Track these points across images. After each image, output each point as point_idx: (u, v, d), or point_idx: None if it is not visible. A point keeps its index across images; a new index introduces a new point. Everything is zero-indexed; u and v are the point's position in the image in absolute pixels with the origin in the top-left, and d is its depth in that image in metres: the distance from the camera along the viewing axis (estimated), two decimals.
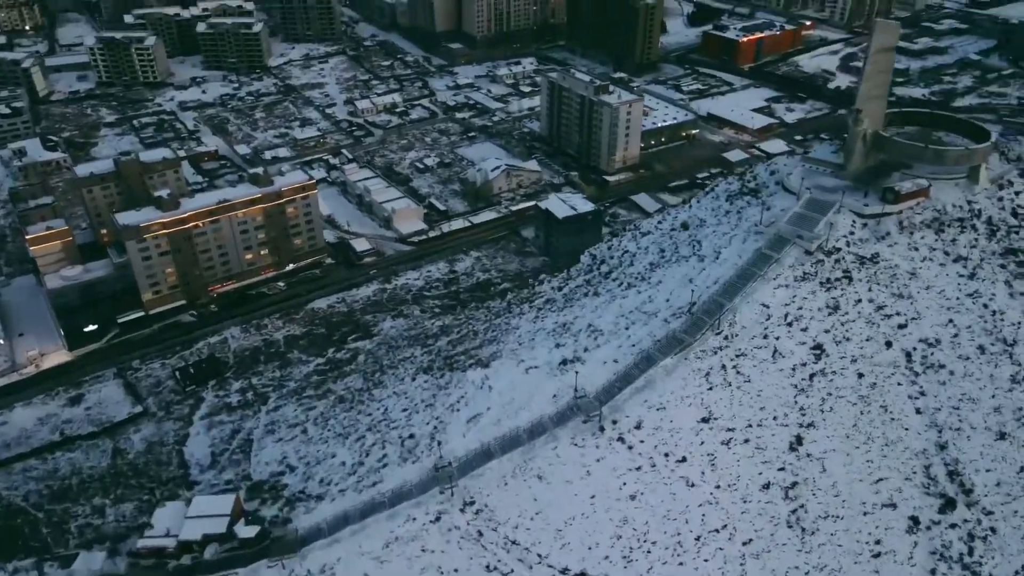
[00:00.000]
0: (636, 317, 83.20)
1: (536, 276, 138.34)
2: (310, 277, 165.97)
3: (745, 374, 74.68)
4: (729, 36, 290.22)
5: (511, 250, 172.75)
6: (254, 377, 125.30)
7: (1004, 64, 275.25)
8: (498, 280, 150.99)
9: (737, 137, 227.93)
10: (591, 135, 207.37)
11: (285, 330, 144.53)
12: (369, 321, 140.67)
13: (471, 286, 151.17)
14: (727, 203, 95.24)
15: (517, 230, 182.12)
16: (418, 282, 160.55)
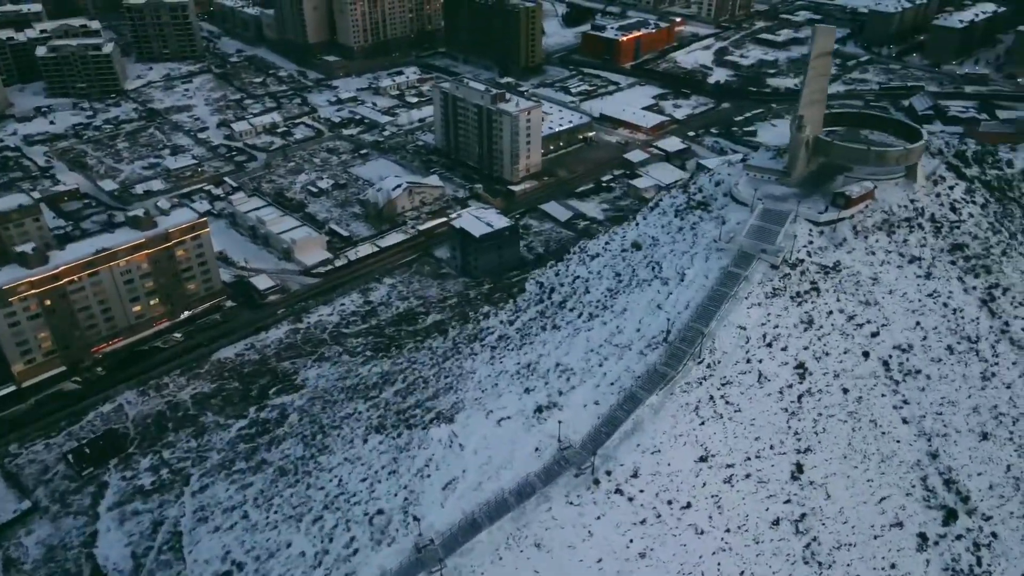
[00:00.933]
0: (608, 351, 78.10)
1: (466, 302, 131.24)
2: (210, 324, 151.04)
3: (734, 403, 71.19)
4: (608, 36, 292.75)
5: (427, 273, 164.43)
6: (165, 450, 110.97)
7: (860, 51, 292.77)
8: (421, 310, 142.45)
9: (633, 136, 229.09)
10: (491, 145, 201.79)
11: (191, 388, 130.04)
12: (288, 369, 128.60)
13: (393, 318, 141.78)
14: (677, 219, 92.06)
15: (429, 251, 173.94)
16: (332, 318, 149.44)
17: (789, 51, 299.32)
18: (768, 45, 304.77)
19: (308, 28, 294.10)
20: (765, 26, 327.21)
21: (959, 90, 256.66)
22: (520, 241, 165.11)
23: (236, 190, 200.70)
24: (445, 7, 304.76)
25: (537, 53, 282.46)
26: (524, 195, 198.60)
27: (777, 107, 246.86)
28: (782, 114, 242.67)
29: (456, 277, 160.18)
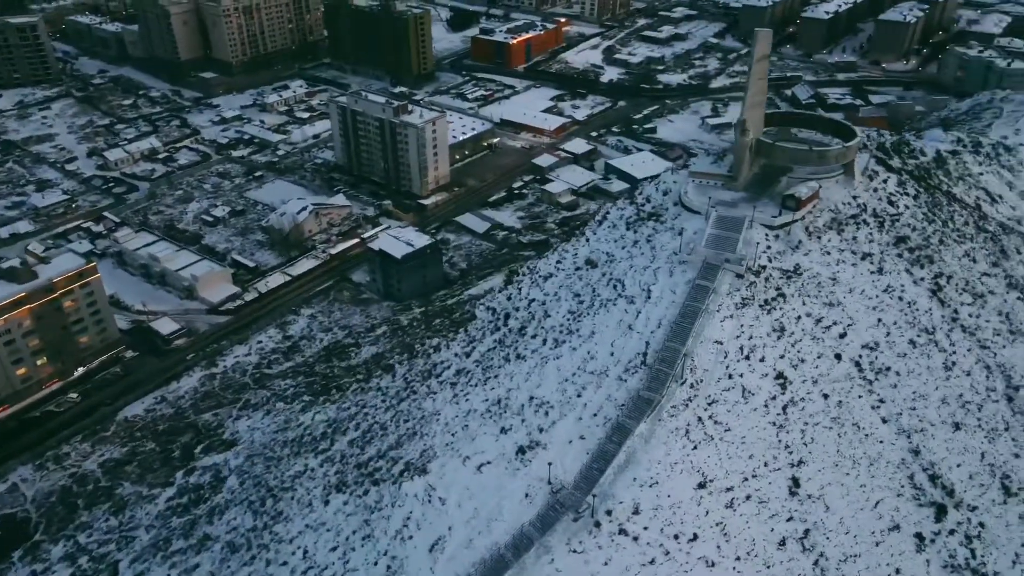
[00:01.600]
0: (584, 380, 74.34)
1: (399, 329, 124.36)
2: (110, 379, 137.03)
3: (723, 422, 69.10)
4: (498, 39, 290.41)
5: (346, 300, 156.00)
6: (80, 533, 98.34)
7: (739, 45, 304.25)
8: (350, 341, 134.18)
9: (537, 140, 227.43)
10: (397, 159, 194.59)
11: (98, 455, 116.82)
12: (212, 423, 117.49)
13: (320, 354, 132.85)
14: (630, 232, 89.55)
15: (345, 276, 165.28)
16: (251, 358, 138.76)
17: (672, 47, 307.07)
18: (653, 42, 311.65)
19: (179, 44, 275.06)
20: (647, 23, 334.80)
21: (832, 78, 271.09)
22: (442, 258, 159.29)
23: (120, 225, 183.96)
24: (326, 17, 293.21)
25: (428, 60, 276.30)
26: (436, 208, 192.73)
27: (671, 103, 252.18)
28: (677, 109, 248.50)
29: (379, 301, 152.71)
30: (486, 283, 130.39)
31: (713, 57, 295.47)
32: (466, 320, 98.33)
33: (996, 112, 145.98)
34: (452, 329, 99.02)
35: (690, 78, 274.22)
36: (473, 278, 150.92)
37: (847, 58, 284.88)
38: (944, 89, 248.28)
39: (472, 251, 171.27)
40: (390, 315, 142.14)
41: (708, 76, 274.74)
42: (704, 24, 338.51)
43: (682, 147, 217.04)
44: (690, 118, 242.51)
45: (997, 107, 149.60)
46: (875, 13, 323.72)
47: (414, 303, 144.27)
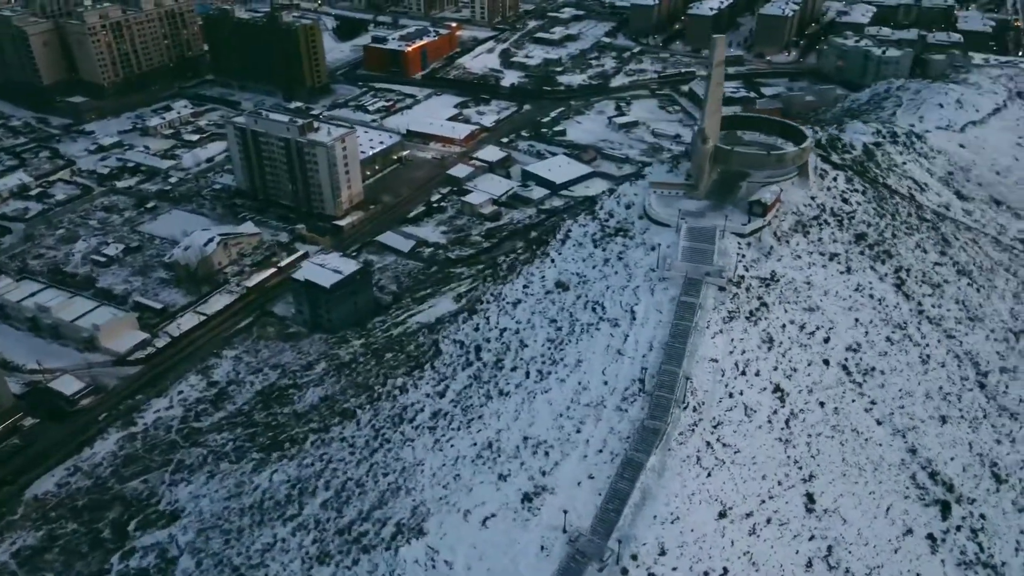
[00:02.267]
0: (580, 413, 70.37)
1: (342, 366, 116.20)
2: (9, 452, 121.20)
3: (731, 444, 67.00)
4: (392, 47, 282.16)
5: (272, 336, 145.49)
6: None
7: (631, 43, 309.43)
8: (287, 382, 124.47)
9: (447, 150, 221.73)
10: (307, 180, 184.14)
11: (9, 543, 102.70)
12: (143, 492, 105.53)
13: (256, 400, 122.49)
14: (599, 249, 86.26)
15: (267, 310, 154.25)
16: (175, 411, 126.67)
17: (567, 48, 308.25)
18: (546, 44, 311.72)
19: (41, 67, 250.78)
20: (538, 25, 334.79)
21: None
22: (372, 283, 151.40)
23: None
24: (206, 31, 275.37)
25: (322, 73, 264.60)
26: (353, 229, 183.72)
27: (575, 104, 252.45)
28: (582, 110, 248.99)
29: (308, 334, 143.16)
30: (427, 307, 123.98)
31: (608, 56, 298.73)
32: (426, 354, 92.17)
33: (896, 101, 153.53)
34: (412, 365, 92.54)
35: (589, 78, 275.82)
36: (408, 301, 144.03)
37: (734, 52, 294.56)
38: (826, 78, 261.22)
39: (400, 272, 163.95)
40: (326, 349, 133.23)
41: (607, 75, 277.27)
42: (593, 24, 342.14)
43: (595, 148, 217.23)
44: (596, 118, 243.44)
45: (896, 96, 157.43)
46: (751, 8, 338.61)
47: (350, 334, 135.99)
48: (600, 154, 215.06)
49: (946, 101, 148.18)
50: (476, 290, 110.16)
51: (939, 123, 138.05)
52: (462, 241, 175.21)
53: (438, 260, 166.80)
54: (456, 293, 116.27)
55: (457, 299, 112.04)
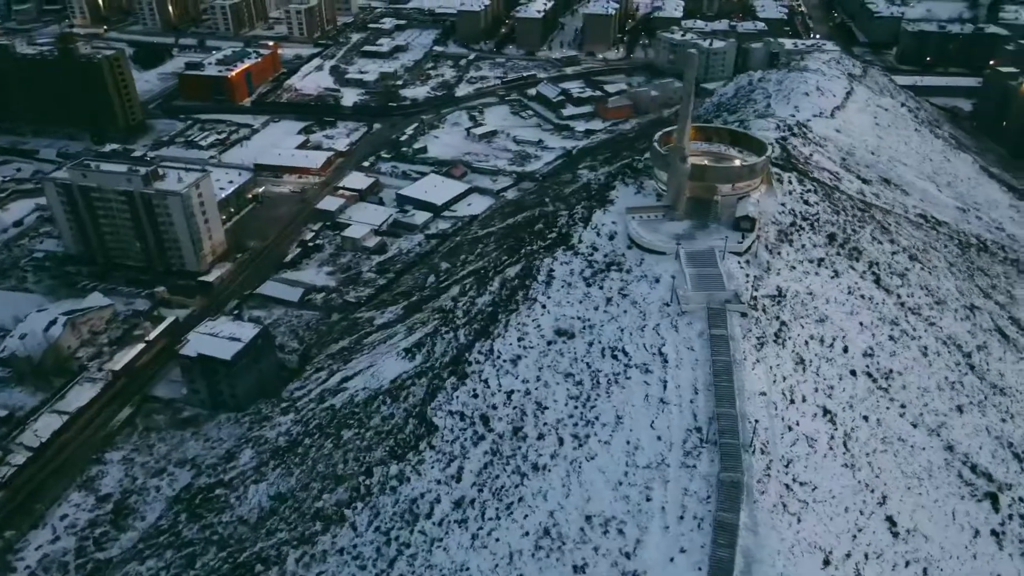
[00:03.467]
0: (642, 477, 63.45)
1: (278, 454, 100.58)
2: None
3: (808, 482, 63.39)
4: (212, 73, 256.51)
5: (165, 425, 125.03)
6: None
7: (464, 51, 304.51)
8: (209, 481, 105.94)
9: (304, 181, 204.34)
10: (159, 235, 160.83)
11: None
12: None
13: (172, 512, 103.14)
14: (593, 287, 79.29)
15: (147, 395, 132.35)
16: (64, 543, 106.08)
17: (399, 59, 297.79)
18: (377, 57, 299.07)
19: None
20: (363, 38, 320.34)
21: (562, 73, 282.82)
22: (274, 347, 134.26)
23: None
24: None
25: (135, 108, 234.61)
26: (224, 283, 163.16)
27: (427, 118, 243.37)
28: (435, 124, 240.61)
29: (211, 417, 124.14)
30: (363, 367, 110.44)
31: (445, 65, 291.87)
32: (412, 431, 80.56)
33: (764, 92, 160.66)
34: (395, 446, 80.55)
35: (433, 90, 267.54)
36: (323, 360, 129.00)
37: (568, 52, 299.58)
38: (660, 72, 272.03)
39: (296, 325, 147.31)
40: (243, 432, 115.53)
41: (450, 85, 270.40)
42: (418, 32, 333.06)
43: (463, 163, 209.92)
44: (453, 131, 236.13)
45: (761, 87, 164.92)
46: (568, 8, 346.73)
47: (265, 409, 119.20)
48: (470, 168, 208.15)
49: (809, 89, 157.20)
50: (427, 344, 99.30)
51: (813, 111, 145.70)
52: (354, 281, 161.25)
53: (336, 306, 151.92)
54: (402, 348, 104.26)
55: (408, 355, 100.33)
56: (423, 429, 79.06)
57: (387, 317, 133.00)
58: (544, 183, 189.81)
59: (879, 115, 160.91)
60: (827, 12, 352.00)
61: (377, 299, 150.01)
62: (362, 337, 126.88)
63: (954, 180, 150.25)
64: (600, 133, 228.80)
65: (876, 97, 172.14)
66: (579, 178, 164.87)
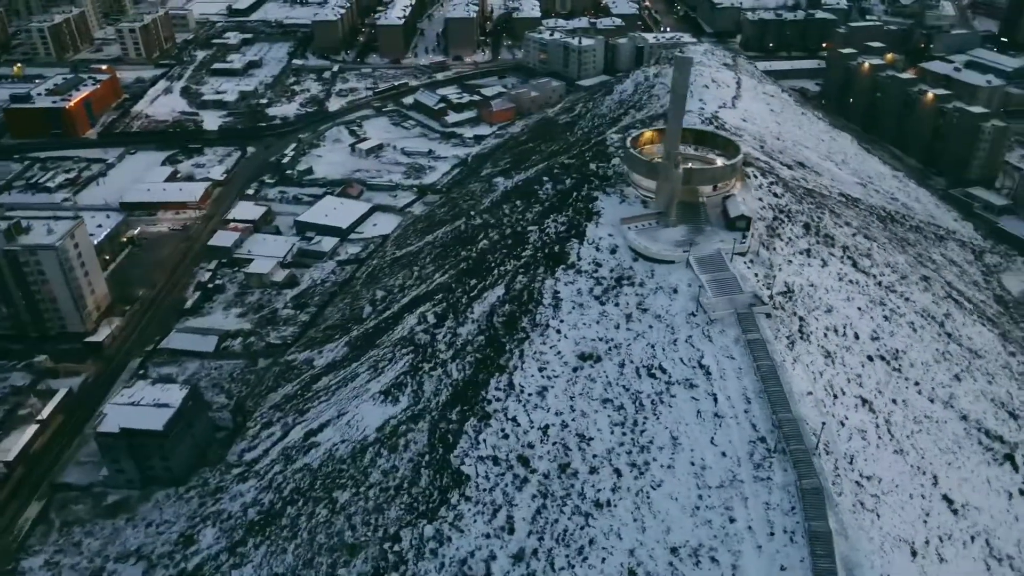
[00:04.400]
0: (719, 498, 61.09)
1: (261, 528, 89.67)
2: None
3: (873, 475, 63.85)
4: (45, 105, 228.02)
5: (91, 514, 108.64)
6: None
7: (326, 62, 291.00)
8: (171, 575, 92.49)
9: (184, 216, 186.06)
10: (30, 296, 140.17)
11: None
12: None
13: None
14: (608, 305, 75.77)
15: (55, 483, 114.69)
16: None
17: (255, 76, 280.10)
18: (230, 75, 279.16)
19: None
20: (209, 55, 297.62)
21: (433, 79, 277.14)
22: (206, 407, 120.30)
23: None
24: None
25: None
26: (116, 341, 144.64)
27: (304, 136, 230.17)
28: (315, 142, 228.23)
29: (144, 497, 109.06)
30: (330, 417, 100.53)
31: (308, 79, 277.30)
32: (434, 486, 73.67)
33: (666, 87, 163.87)
34: (416, 503, 73.28)
35: (302, 106, 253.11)
36: (266, 413, 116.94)
37: (436, 58, 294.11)
38: (532, 72, 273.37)
39: (218, 378, 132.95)
40: (195, 509, 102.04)
41: (320, 100, 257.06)
42: (268, 46, 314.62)
43: (357, 181, 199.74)
44: (336, 148, 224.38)
45: (661, 83, 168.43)
46: (423, 13, 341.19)
47: (215, 476, 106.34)
48: (365, 186, 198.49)
49: (707, 82, 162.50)
50: (409, 384, 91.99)
51: (718, 103, 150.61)
52: (271, 320, 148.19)
53: (259, 351, 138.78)
54: (376, 391, 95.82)
55: (388, 398, 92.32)
56: (448, 480, 72.50)
57: (329, 357, 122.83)
58: (451, 194, 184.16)
59: (769, 102, 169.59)
60: (669, 5, 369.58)
61: (305, 338, 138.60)
62: (309, 382, 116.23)
63: (846, 158, 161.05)
64: (490, 138, 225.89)
65: (759, 84, 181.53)
66: (495, 186, 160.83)
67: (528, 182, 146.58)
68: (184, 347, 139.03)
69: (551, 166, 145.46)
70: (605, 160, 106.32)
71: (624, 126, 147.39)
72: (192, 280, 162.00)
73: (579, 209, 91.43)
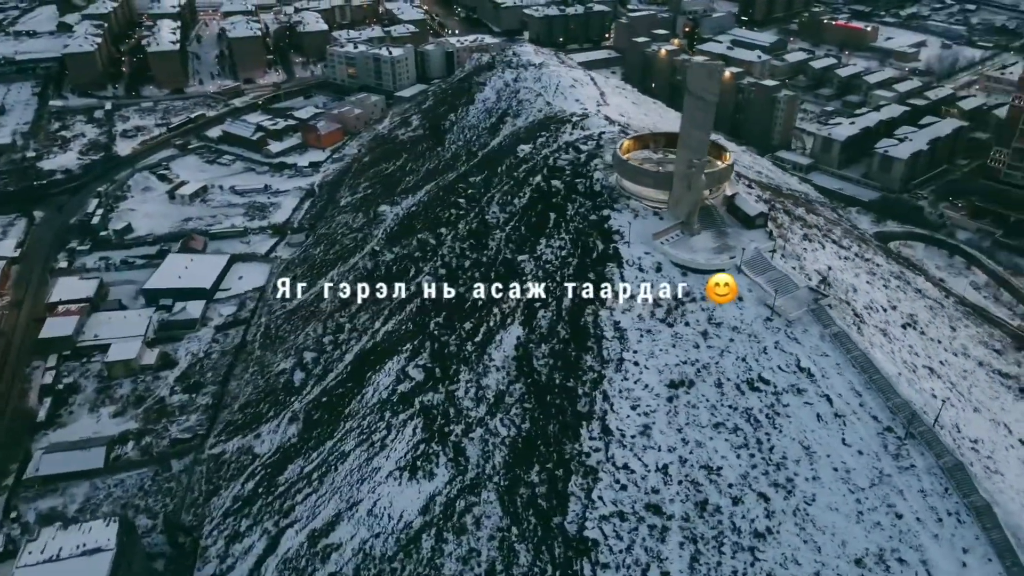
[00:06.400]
0: (876, 497, 60.28)
1: None
2: None
3: (976, 439, 67.66)
4: None
5: None
6: None
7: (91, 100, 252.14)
8: None
9: None
10: None
11: None
12: None
13: None
14: (679, 325, 71.69)
15: None
16: None
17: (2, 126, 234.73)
18: None
19: None
20: None
21: (231, 106, 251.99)
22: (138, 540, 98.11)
23: None
24: None
25: None
26: None
27: (106, 189, 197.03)
28: (120, 194, 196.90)
29: None
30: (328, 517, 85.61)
31: (77, 122, 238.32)
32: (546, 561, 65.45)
33: (532, 91, 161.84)
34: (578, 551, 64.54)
35: (83, 154, 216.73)
36: (217, 523, 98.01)
37: (225, 83, 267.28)
38: (342, 88, 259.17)
39: (126, 496, 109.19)
40: None
41: (103, 145, 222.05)
42: (3, 89, 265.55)
43: (196, 232, 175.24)
44: (148, 197, 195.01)
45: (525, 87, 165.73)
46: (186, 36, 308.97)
47: None
48: (207, 236, 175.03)
49: (570, 81, 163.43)
50: (441, 454, 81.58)
51: (594, 102, 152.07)
52: (163, 413, 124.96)
53: (165, 452, 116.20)
54: (391, 469, 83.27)
55: (416, 475, 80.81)
56: (567, 551, 65.08)
57: (274, 441, 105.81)
58: (319, 231, 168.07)
59: (624, 94, 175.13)
60: (448, 8, 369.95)
61: (221, 423, 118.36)
62: (268, 475, 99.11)
63: None
64: (327, 163, 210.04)
65: (603, 78, 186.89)
66: (381, 215, 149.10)
67: (430, 206, 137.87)
68: (62, 469, 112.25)
69: (453, 186, 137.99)
70: (557, 176, 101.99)
71: (513, 135, 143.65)
72: (30, 385, 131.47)
73: (583, 230, 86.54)
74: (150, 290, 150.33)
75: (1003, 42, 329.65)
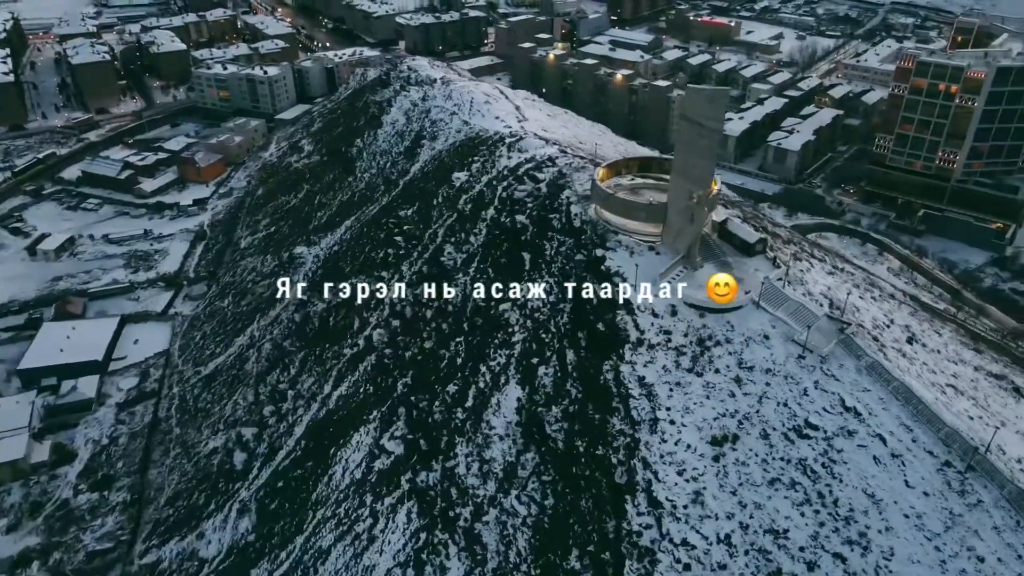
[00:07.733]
0: (955, 543, 56.67)
1: None
2: None
3: (1019, 457, 66.11)
4: None
5: None
6: None
7: None
8: None
9: None
10: None
11: None
12: None
13: None
14: (708, 374, 65.37)
15: None
16: None
17: None
18: None
19: None
20: None
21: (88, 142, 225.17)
22: None
23: None
24: None
25: None
26: None
27: None
28: None
29: None
30: None
31: None
32: None
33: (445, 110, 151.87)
34: None
35: None
36: None
37: (74, 115, 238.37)
38: (215, 114, 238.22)
39: None
40: None
41: None
42: None
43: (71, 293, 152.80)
44: (4, 257, 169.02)
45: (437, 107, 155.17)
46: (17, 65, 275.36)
47: None
48: (86, 297, 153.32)
49: (484, 97, 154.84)
50: (448, 543, 71.66)
51: (514, 118, 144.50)
52: (70, 519, 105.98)
53: (85, 568, 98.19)
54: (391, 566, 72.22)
55: (425, 568, 70.38)
56: None
57: (224, 539, 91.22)
58: (221, 279, 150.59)
59: (537, 107, 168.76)
60: (314, 20, 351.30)
61: (149, 523, 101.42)
62: None
63: (616, 145, 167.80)
64: (213, 199, 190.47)
65: (512, 91, 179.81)
66: (299, 258, 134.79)
67: (358, 245, 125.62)
68: None
69: (378, 222, 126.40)
70: (520, 210, 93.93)
71: (435, 160, 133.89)
72: None
73: (570, 272, 78.94)
74: (27, 370, 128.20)
75: (848, 31, 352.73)
